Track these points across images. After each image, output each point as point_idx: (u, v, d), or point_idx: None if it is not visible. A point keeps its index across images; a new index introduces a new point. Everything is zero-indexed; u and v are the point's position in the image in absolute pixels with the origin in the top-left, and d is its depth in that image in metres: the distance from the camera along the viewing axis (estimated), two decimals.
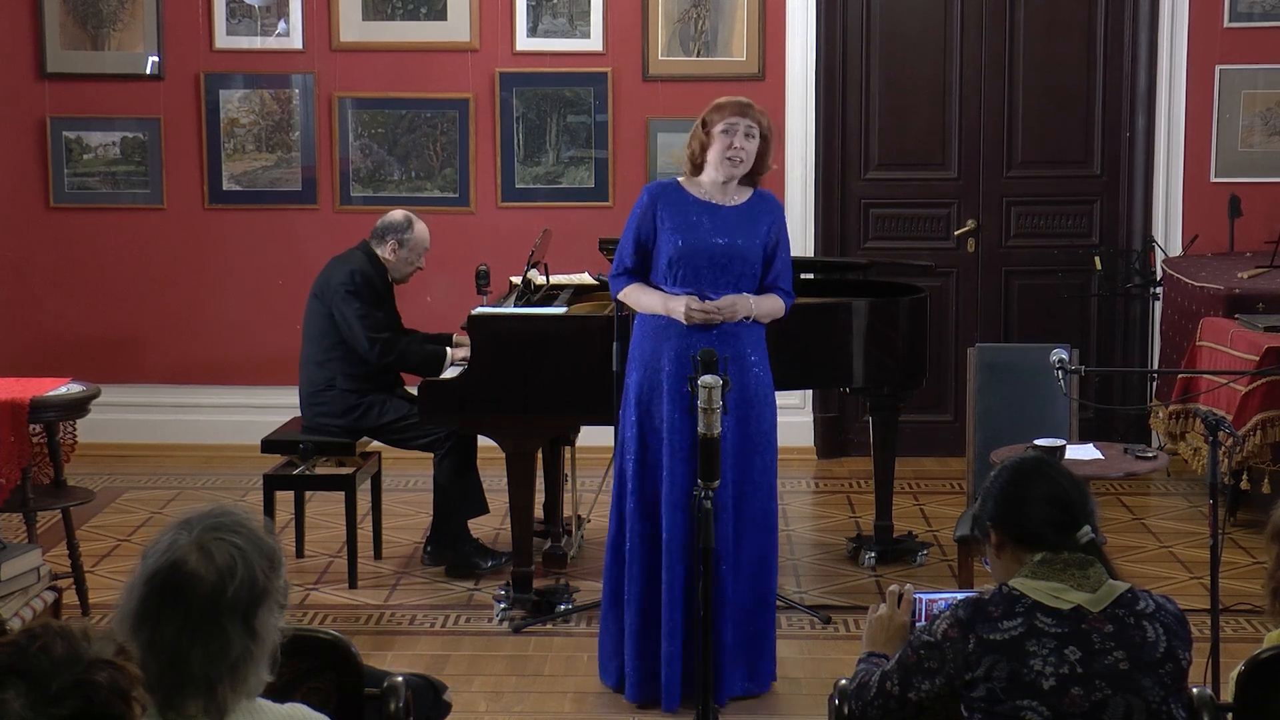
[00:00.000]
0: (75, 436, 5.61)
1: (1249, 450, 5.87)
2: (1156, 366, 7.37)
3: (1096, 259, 7.52)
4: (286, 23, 7.51)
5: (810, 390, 7.44)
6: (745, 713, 4.67)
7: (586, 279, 6.18)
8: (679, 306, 4.61)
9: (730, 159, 4.65)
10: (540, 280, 5.93)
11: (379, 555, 6.08)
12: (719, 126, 4.67)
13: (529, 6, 7.47)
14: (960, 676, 2.79)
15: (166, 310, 7.70)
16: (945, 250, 7.63)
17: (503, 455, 5.46)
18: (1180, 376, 6.45)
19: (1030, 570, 2.84)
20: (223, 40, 7.52)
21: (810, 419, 7.68)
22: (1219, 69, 7.45)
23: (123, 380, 7.50)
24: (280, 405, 6.75)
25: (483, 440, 5.76)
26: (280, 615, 2.33)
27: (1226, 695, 3.00)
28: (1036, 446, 4.67)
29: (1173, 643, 2.80)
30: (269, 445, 5.93)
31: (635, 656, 4.71)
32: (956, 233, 7.68)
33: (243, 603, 2.26)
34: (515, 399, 5.33)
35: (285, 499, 5.96)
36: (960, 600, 2.86)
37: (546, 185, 7.58)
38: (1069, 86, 7.60)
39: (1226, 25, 7.43)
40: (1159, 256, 7.48)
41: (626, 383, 4.76)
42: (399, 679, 2.95)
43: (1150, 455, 5.09)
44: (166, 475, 7.30)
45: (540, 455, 5.86)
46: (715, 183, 4.71)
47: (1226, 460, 5.70)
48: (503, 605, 5.40)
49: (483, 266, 5.98)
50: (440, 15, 7.49)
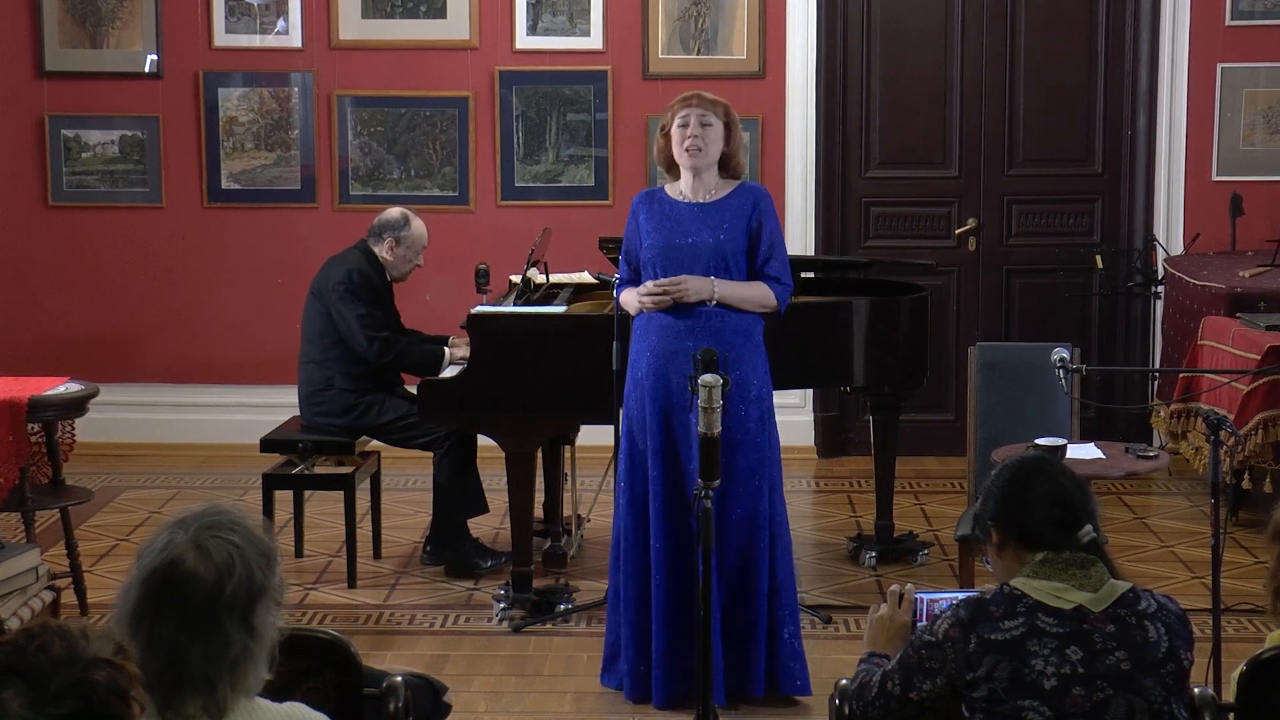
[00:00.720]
0: (74, 436, 5.62)
1: (1250, 449, 5.86)
2: (1158, 365, 7.36)
3: (1098, 258, 7.50)
4: (285, 21, 7.50)
5: (811, 389, 7.44)
6: (745, 713, 4.66)
7: (586, 278, 6.17)
8: (632, 299, 4.72)
9: (689, 149, 4.65)
10: (540, 279, 5.91)
11: (378, 555, 6.06)
12: (674, 125, 4.69)
13: (529, 5, 7.46)
14: (961, 676, 2.78)
15: (165, 309, 7.69)
16: (946, 249, 7.62)
17: (502, 454, 5.46)
18: (1182, 376, 6.43)
19: (1031, 570, 2.83)
20: (221, 38, 7.50)
21: (811, 418, 7.67)
22: (1220, 67, 7.44)
23: (121, 379, 7.49)
24: (279, 404, 6.74)
25: (482, 439, 5.75)
26: (278, 612, 2.33)
27: (1228, 695, 3.00)
28: (1037, 446, 4.65)
29: (1174, 642, 2.79)
30: (268, 445, 5.92)
31: (633, 654, 4.70)
32: (957, 231, 7.67)
33: (241, 601, 2.26)
34: (515, 398, 5.32)
35: (284, 498, 5.94)
36: (961, 600, 2.85)
37: (546, 184, 7.57)
38: (1070, 85, 7.59)
39: (1228, 23, 7.42)
40: (1160, 255, 7.47)
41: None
42: (398, 679, 2.95)
43: (1151, 454, 5.08)
44: (165, 475, 7.29)
45: (540, 454, 5.85)
46: (688, 182, 4.73)
47: (1228, 459, 5.70)
48: (502, 605, 5.39)
49: (482, 265, 5.97)
50: (440, 13, 7.48)
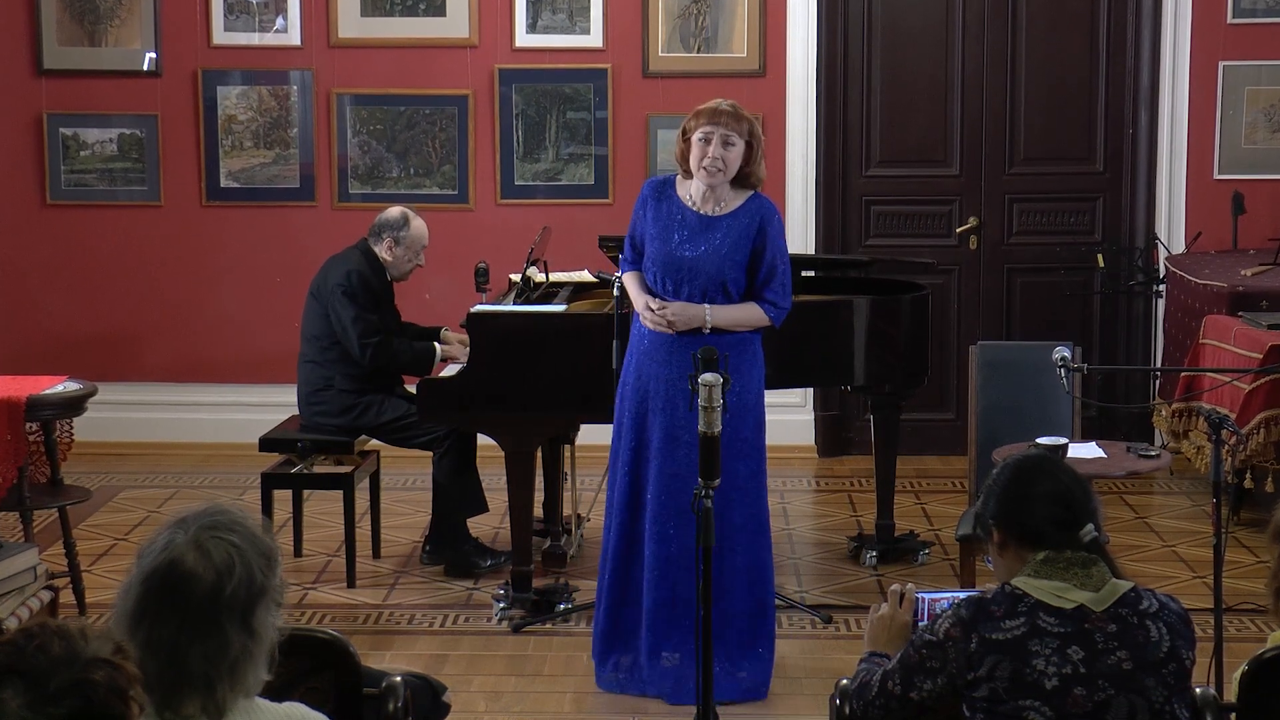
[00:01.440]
0: (72, 435, 5.60)
1: (1252, 449, 5.86)
2: (1159, 364, 7.35)
3: (1099, 256, 7.49)
4: (284, 19, 7.48)
5: (811, 388, 7.43)
6: (745, 713, 4.65)
7: (586, 276, 6.16)
8: (640, 307, 4.74)
9: (706, 169, 4.64)
10: (540, 278, 5.90)
11: (377, 554, 6.05)
12: (696, 134, 4.67)
13: (528, 3, 7.45)
14: (962, 676, 2.77)
15: (164, 308, 7.67)
16: (947, 247, 7.60)
17: (502, 454, 5.45)
18: (1183, 374, 6.43)
19: (1033, 569, 2.82)
20: (220, 36, 7.49)
21: (811, 417, 7.66)
22: (1222, 65, 7.42)
23: (120, 378, 7.48)
24: (278, 403, 6.72)
25: (482, 439, 5.74)
26: (278, 613, 2.32)
27: (1230, 695, 3.00)
28: (1039, 445, 4.65)
29: (1176, 642, 2.78)
30: (267, 444, 5.91)
31: (601, 639, 4.81)
32: (958, 230, 7.66)
33: (240, 601, 2.25)
34: (514, 397, 5.31)
35: (283, 498, 5.93)
36: (962, 599, 2.85)
37: (546, 182, 7.56)
38: (1071, 83, 7.57)
39: (1230, 21, 7.40)
40: (1162, 254, 7.45)
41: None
42: (397, 679, 2.94)
43: (1153, 454, 5.07)
44: (164, 474, 7.28)
45: (540, 454, 5.84)
46: (700, 191, 4.73)
47: (1230, 459, 5.68)
48: (502, 605, 5.39)
49: (482, 264, 5.96)
50: (439, 11, 7.47)
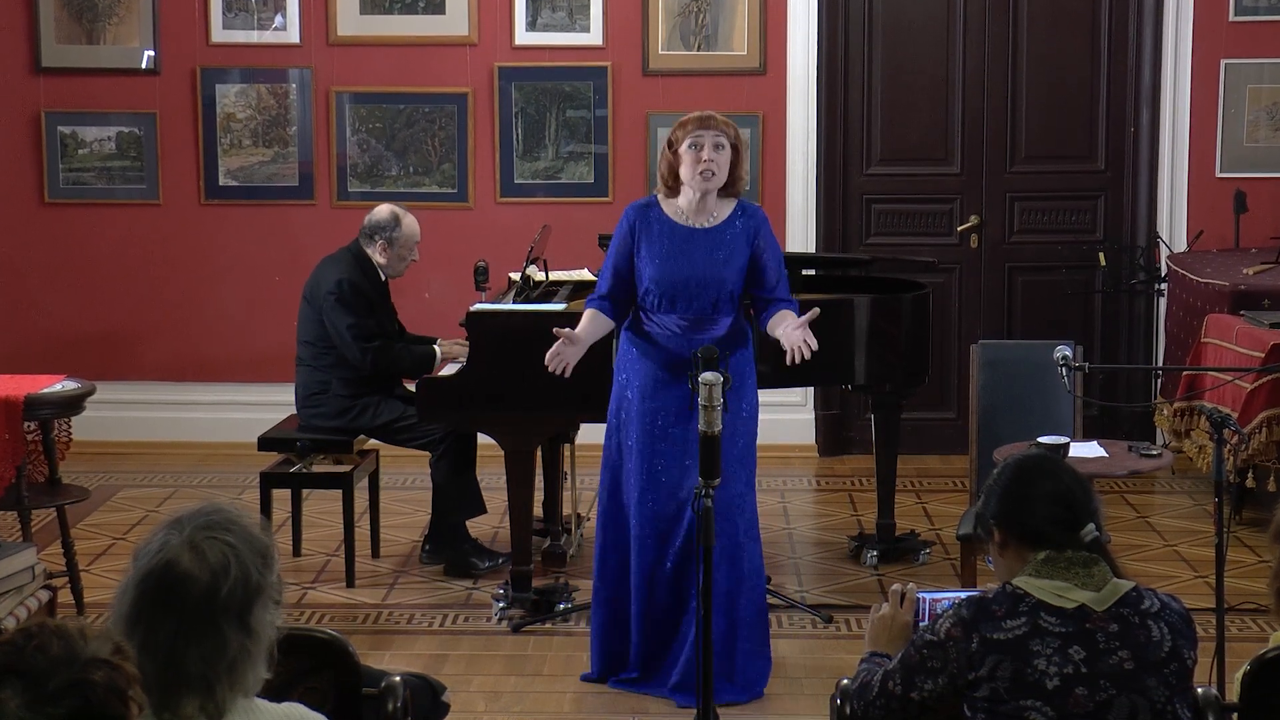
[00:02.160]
0: (70, 434, 5.59)
1: (1254, 448, 5.85)
2: (1161, 363, 7.34)
3: (1101, 255, 7.48)
4: (283, 16, 7.47)
5: (812, 388, 7.41)
6: (746, 713, 4.65)
7: (586, 275, 6.14)
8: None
9: (702, 174, 4.63)
10: (539, 276, 5.88)
11: (377, 554, 6.04)
12: (685, 144, 4.66)
13: (528, 0, 7.43)
14: (963, 676, 2.76)
15: (162, 307, 7.66)
16: (948, 246, 7.59)
17: (501, 453, 5.43)
18: (1185, 373, 6.42)
19: (1034, 569, 2.81)
20: (219, 34, 7.48)
21: (812, 416, 7.65)
22: (1224, 63, 7.41)
23: (118, 377, 7.47)
24: (277, 403, 6.70)
25: (482, 438, 5.72)
26: (276, 611, 2.32)
27: (1232, 695, 2.99)
28: (1040, 444, 4.65)
29: (1178, 642, 2.77)
30: (265, 443, 5.90)
31: (598, 637, 4.82)
32: (959, 228, 7.64)
33: (237, 601, 2.25)
34: (514, 396, 5.30)
35: (282, 497, 5.92)
36: (963, 599, 2.84)
37: (546, 180, 7.55)
38: (1073, 81, 7.56)
39: (1232, 19, 7.39)
40: (1164, 252, 7.44)
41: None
42: (397, 679, 2.94)
43: (1155, 453, 5.06)
44: (162, 473, 7.26)
45: (539, 453, 5.82)
46: (692, 202, 4.71)
47: (1232, 458, 5.67)
48: (501, 604, 5.37)
49: (481, 263, 5.94)
50: (439, 9, 7.45)
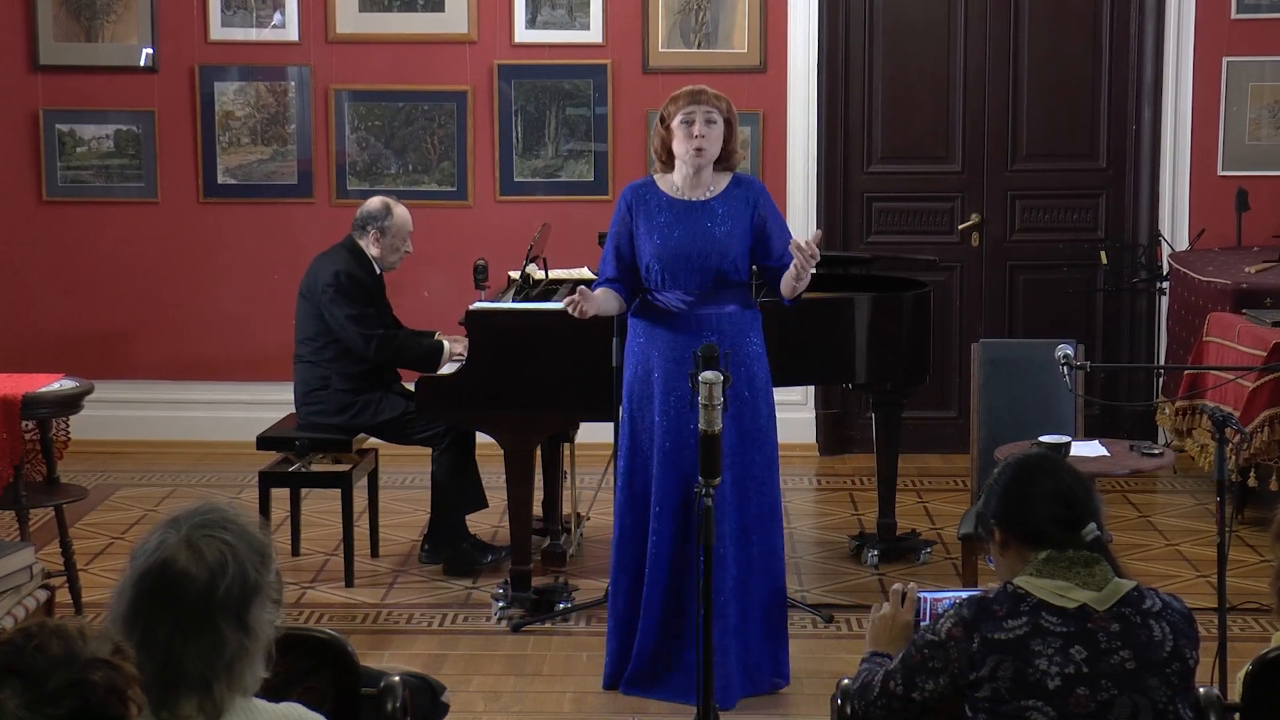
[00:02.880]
0: (68, 433, 5.58)
1: (1256, 447, 5.85)
2: (1163, 362, 7.33)
3: (1102, 253, 7.47)
4: (282, 14, 7.46)
5: (812, 386, 7.40)
6: (747, 712, 4.63)
7: (586, 273, 6.13)
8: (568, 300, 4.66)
9: (695, 149, 4.62)
10: (539, 275, 5.87)
11: (376, 553, 6.03)
12: (677, 119, 4.66)
13: None
14: (964, 676, 2.76)
15: (160, 305, 7.65)
16: (949, 245, 7.58)
17: (501, 452, 5.42)
18: (1187, 372, 6.41)
19: (1035, 568, 2.80)
20: (217, 32, 7.47)
21: (812, 415, 7.63)
22: (1226, 61, 7.39)
23: (116, 376, 7.46)
24: (276, 401, 6.69)
25: (481, 437, 5.71)
26: (274, 610, 2.31)
27: (1234, 695, 2.98)
28: (1041, 443, 4.64)
29: (1179, 642, 2.76)
30: (264, 442, 5.88)
31: (614, 643, 4.78)
32: (960, 227, 7.63)
33: (235, 600, 2.24)
34: (514, 395, 5.28)
35: (281, 496, 5.91)
36: (964, 599, 2.83)
37: (545, 178, 7.53)
38: (1074, 79, 7.54)
39: (1234, 17, 7.37)
40: (1165, 251, 7.43)
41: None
42: (396, 678, 2.93)
43: (1156, 452, 5.05)
44: (160, 472, 7.25)
45: (539, 452, 5.81)
46: (687, 178, 4.70)
47: (1234, 457, 5.68)
48: (501, 604, 5.36)
49: (481, 261, 5.93)
50: (438, 6, 7.44)
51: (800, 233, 7.42)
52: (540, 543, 5.88)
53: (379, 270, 5.94)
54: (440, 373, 5.60)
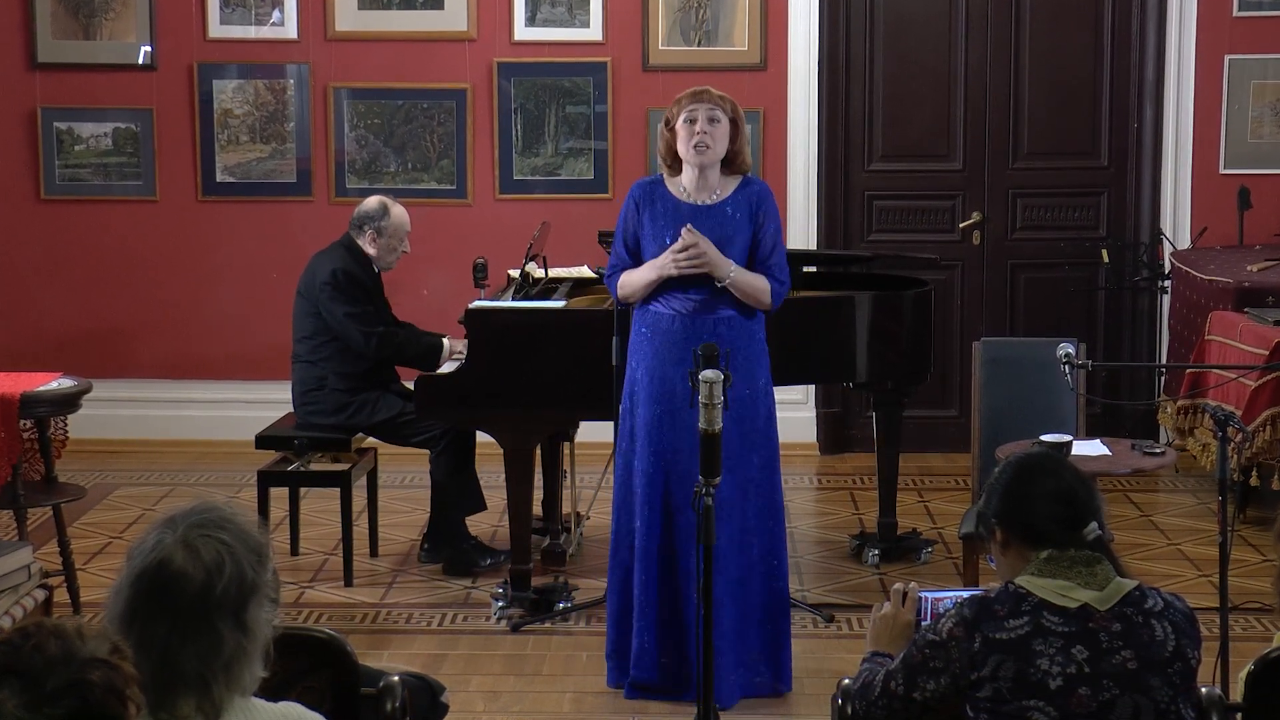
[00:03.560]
0: (66, 432, 5.57)
1: (1258, 446, 5.84)
2: (1165, 361, 7.32)
3: (1104, 252, 7.46)
4: (281, 12, 7.44)
5: (813, 385, 7.39)
6: (746, 712, 4.62)
7: (586, 272, 6.12)
8: (664, 264, 4.59)
9: (697, 147, 4.60)
10: (539, 273, 5.86)
11: (375, 553, 6.02)
12: (680, 119, 4.63)
13: None
14: (965, 676, 2.74)
15: (159, 304, 7.64)
16: (950, 243, 7.57)
17: (501, 451, 5.41)
18: (1189, 371, 6.41)
19: (1036, 568, 2.79)
20: (216, 30, 7.46)
21: (813, 414, 7.62)
22: (1228, 59, 7.38)
23: (114, 375, 7.45)
24: (274, 400, 6.68)
25: (481, 436, 5.70)
26: (272, 610, 2.31)
27: (1236, 695, 2.97)
28: (1042, 442, 4.63)
29: (1181, 641, 2.75)
30: (263, 441, 5.87)
31: (612, 642, 4.78)
32: (961, 225, 7.62)
33: (232, 599, 2.24)
34: (513, 394, 5.27)
35: (280, 495, 5.90)
36: (965, 599, 2.82)
37: (545, 177, 7.52)
38: (1075, 77, 7.53)
39: (1236, 15, 7.37)
40: (1167, 249, 7.42)
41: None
42: (395, 678, 2.93)
43: (1158, 451, 5.03)
44: (159, 472, 7.24)
45: (539, 451, 5.80)
46: (693, 180, 4.68)
47: (1236, 456, 5.67)
48: (501, 604, 5.35)
49: (480, 259, 5.92)
50: (437, 4, 7.43)
51: (802, 229, 7.43)
52: (540, 542, 5.86)
53: (376, 269, 5.92)
54: (439, 372, 5.59)
